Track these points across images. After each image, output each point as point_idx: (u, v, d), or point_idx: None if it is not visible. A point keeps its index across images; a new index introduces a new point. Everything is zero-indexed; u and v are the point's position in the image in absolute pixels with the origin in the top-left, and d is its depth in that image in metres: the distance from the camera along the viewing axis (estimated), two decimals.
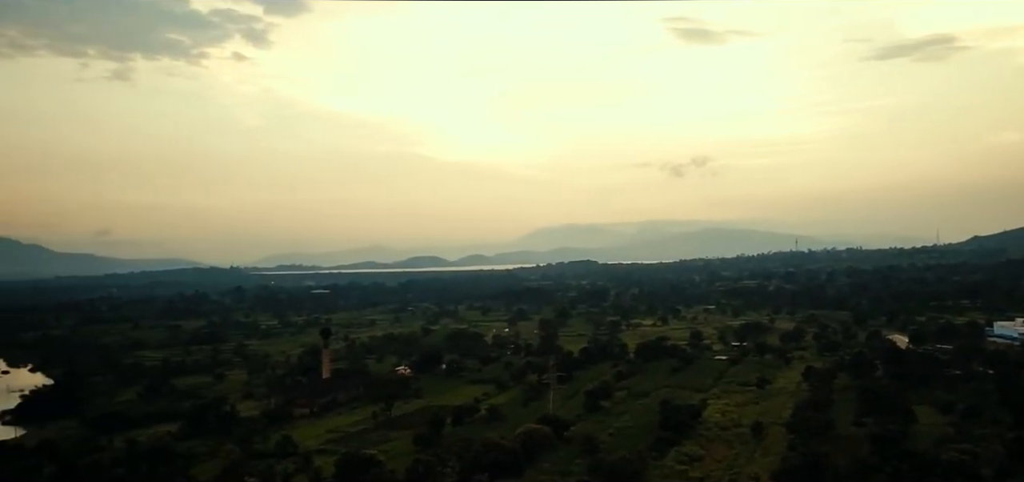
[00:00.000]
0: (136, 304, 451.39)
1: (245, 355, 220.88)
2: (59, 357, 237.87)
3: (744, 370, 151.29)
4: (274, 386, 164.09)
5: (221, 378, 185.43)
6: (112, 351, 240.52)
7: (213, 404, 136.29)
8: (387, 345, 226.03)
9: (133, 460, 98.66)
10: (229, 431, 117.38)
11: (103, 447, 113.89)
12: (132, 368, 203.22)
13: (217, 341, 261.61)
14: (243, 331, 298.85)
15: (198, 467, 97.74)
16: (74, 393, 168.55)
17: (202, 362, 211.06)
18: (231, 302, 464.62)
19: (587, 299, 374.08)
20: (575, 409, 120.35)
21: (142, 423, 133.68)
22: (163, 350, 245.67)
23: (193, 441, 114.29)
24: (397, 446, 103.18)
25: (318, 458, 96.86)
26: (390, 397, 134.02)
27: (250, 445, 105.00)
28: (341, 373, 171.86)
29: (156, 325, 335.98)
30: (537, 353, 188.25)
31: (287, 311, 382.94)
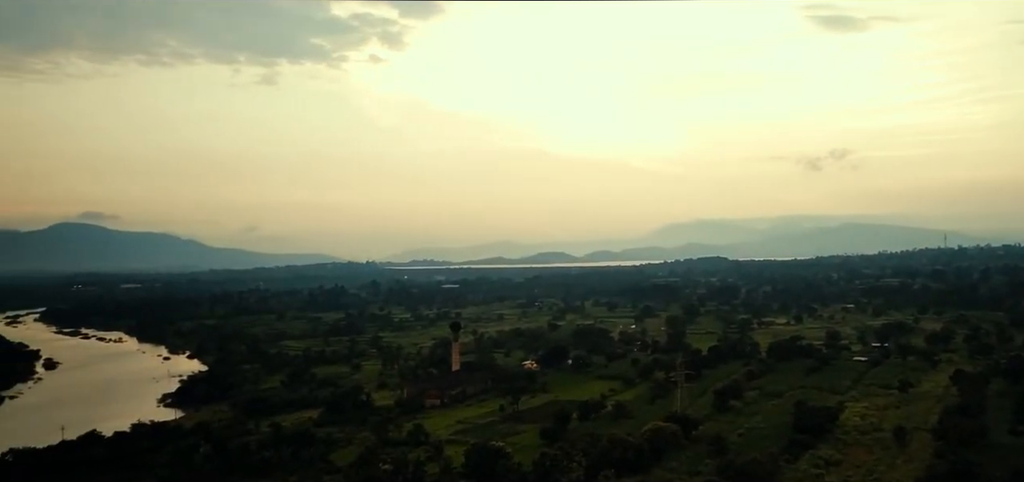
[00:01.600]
0: (280, 297, 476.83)
1: (380, 346, 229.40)
2: (212, 345, 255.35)
3: (885, 372, 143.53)
4: (406, 377, 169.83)
5: (357, 368, 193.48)
6: (259, 341, 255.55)
7: (350, 393, 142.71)
8: (514, 339, 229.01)
9: (278, 443, 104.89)
10: (365, 419, 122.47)
11: (251, 430, 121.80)
12: (276, 357, 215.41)
13: (354, 333, 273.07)
14: (378, 323, 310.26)
15: (337, 452, 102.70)
16: (225, 379, 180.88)
17: (340, 352, 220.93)
18: (367, 296, 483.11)
19: (716, 296, 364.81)
20: (703, 408, 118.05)
21: (286, 409, 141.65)
22: (304, 340, 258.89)
23: (332, 427, 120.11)
24: (524, 439, 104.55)
25: (448, 448, 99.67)
26: (517, 391, 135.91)
27: (384, 433, 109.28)
28: (470, 366, 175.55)
29: (298, 317, 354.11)
30: (664, 350, 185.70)
31: (419, 305, 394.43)
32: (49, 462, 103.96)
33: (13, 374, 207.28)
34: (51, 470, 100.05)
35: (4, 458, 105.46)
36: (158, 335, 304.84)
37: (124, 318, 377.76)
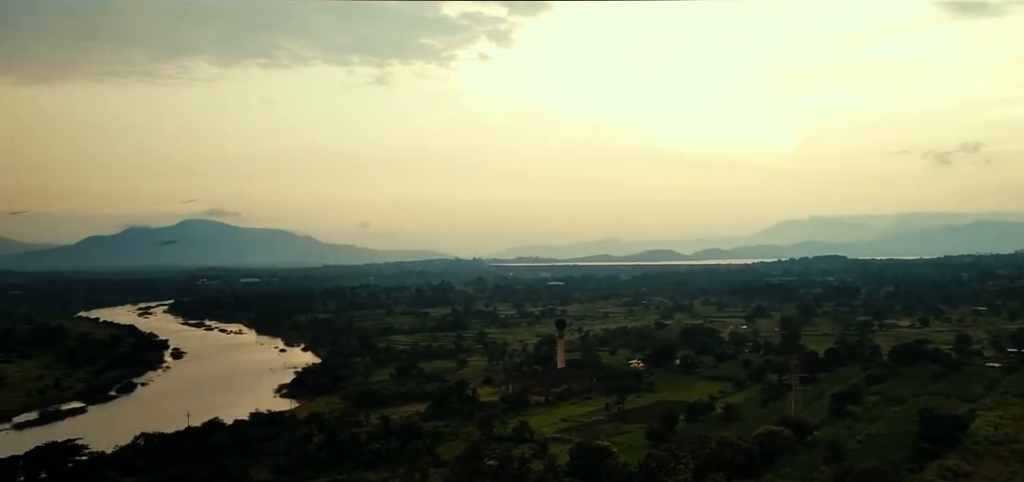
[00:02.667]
0: (390, 292, 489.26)
1: (485, 342, 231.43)
2: (325, 338, 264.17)
3: (1022, 380, 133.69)
4: (511, 373, 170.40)
5: (463, 363, 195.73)
6: (369, 335, 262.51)
7: (456, 388, 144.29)
8: (620, 338, 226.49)
9: (387, 436, 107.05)
10: (470, 414, 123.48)
11: (361, 422, 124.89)
12: (385, 351, 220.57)
13: (460, 329, 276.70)
14: (483, 320, 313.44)
15: (443, 446, 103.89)
16: (337, 371, 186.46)
17: (446, 348, 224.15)
18: (473, 292, 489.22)
19: (834, 296, 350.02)
20: (819, 413, 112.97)
21: (394, 402, 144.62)
22: (412, 335, 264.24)
23: (438, 422, 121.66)
24: (629, 439, 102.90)
25: (553, 445, 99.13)
26: (623, 390, 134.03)
27: (490, 428, 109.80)
28: (575, 364, 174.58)
29: (407, 312, 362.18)
30: (777, 352, 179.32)
31: (524, 302, 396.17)
32: (176, 447, 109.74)
33: (145, 362, 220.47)
34: (178, 454, 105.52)
35: (136, 442, 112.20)
36: (275, 328, 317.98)
37: (244, 311, 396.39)
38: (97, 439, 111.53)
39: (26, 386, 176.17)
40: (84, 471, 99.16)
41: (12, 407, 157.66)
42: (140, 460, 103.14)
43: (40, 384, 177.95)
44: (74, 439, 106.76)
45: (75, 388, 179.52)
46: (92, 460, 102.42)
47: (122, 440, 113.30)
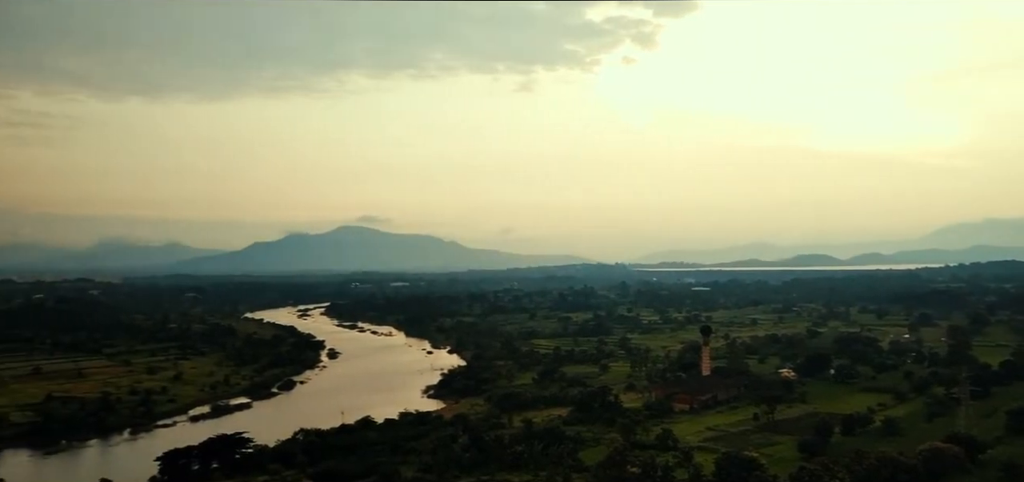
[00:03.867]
0: (532, 296, 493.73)
1: (628, 348, 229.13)
2: (470, 341, 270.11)
3: None
4: (654, 380, 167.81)
5: (605, 369, 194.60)
6: (512, 338, 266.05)
7: (598, 393, 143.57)
8: (769, 346, 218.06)
9: (529, 439, 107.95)
10: (613, 420, 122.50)
11: (504, 424, 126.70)
12: (528, 355, 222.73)
13: (602, 333, 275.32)
14: (626, 325, 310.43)
15: (585, 451, 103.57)
16: (481, 374, 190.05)
17: (588, 352, 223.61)
18: (616, 297, 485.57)
19: (1011, 305, 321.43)
20: (993, 430, 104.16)
21: (536, 405, 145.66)
22: (554, 339, 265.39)
23: (580, 426, 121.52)
24: (780, 451, 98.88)
25: (698, 455, 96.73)
26: (772, 399, 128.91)
27: (632, 435, 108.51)
28: (721, 371, 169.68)
29: (549, 316, 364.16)
30: (944, 363, 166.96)
31: (668, 307, 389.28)
32: (331, 443, 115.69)
33: (303, 362, 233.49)
34: (333, 450, 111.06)
35: (296, 436, 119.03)
36: (422, 330, 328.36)
37: (393, 313, 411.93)
38: (261, 433, 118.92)
39: (200, 381, 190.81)
40: (249, 463, 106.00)
41: (189, 401, 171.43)
42: (299, 454, 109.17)
43: (212, 380, 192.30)
44: (241, 432, 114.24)
45: (242, 384, 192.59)
46: (256, 452, 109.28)
47: (283, 435, 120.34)
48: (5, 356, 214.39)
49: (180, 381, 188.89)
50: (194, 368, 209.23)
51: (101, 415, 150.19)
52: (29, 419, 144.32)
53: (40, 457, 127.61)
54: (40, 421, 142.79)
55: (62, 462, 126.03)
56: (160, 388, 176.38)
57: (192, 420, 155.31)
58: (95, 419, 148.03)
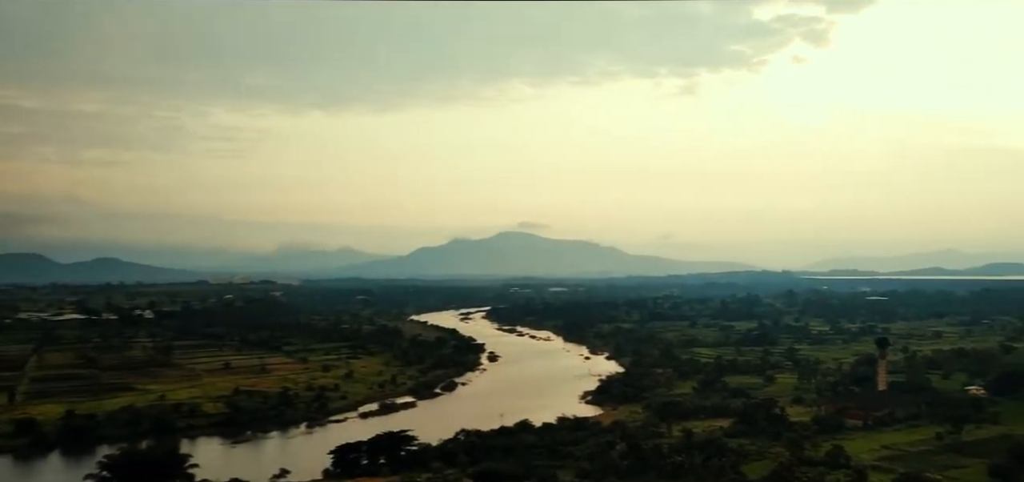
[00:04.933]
0: (693, 304, 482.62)
1: (795, 359, 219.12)
2: (628, 348, 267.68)
3: None
4: (824, 393, 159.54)
5: (770, 380, 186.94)
6: (671, 346, 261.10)
7: (763, 405, 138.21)
8: (955, 361, 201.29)
9: (689, 449, 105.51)
10: (779, 433, 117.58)
11: (663, 433, 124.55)
12: (688, 363, 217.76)
13: (767, 343, 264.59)
14: (793, 335, 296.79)
15: (748, 465, 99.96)
16: (639, 381, 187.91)
17: (752, 363, 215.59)
18: (782, 306, 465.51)
19: None
20: None
21: (696, 415, 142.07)
22: (716, 348, 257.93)
23: (743, 439, 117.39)
24: (967, 475, 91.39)
25: (872, 474, 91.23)
26: (958, 418, 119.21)
27: (800, 450, 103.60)
28: (899, 386, 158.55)
29: (710, 324, 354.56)
30: None
31: (839, 317, 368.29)
32: (491, 444, 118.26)
33: (464, 364, 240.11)
34: (492, 451, 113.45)
35: (457, 436, 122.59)
36: (580, 336, 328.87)
37: (551, 318, 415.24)
38: (424, 431, 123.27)
39: (369, 380, 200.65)
40: (414, 460, 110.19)
41: (359, 398, 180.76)
42: (460, 453, 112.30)
43: (380, 379, 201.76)
44: (406, 430, 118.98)
45: (407, 384, 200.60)
46: (420, 450, 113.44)
47: (445, 434, 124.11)
48: (200, 351, 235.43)
49: (351, 379, 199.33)
50: (364, 367, 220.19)
51: (281, 409, 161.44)
52: (220, 410, 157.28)
53: (229, 445, 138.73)
54: (229, 412, 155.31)
55: (248, 451, 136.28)
56: (333, 385, 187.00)
57: (362, 416, 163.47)
58: (276, 412, 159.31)
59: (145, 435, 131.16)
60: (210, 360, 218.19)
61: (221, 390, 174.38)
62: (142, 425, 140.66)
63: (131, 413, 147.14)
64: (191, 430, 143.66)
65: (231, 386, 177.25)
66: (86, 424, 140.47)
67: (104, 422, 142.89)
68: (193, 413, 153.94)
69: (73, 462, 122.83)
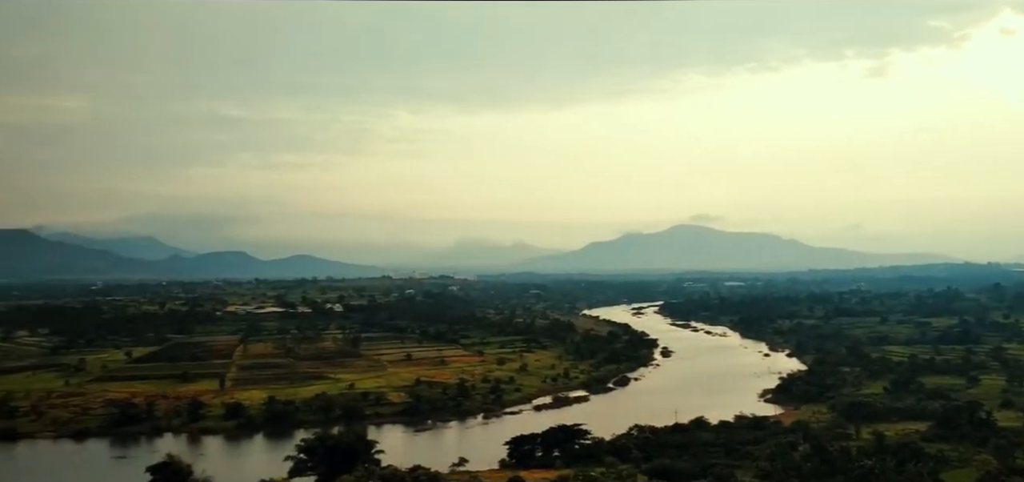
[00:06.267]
0: (883, 298, 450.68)
1: (1003, 359, 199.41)
2: (811, 345, 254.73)
3: None
4: None
5: (974, 381, 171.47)
6: (859, 343, 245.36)
7: (966, 408, 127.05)
8: None
9: (880, 453, 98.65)
10: (985, 440, 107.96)
11: (850, 435, 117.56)
12: (878, 362, 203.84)
13: (969, 342, 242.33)
14: (1001, 333, 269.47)
15: (948, 472, 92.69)
16: (823, 380, 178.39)
17: (952, 363, 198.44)
18: (987, 301, 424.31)
19: None
20: None
21: (887, 417, 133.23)
22: (910, 347, 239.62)
23: (942, 444, 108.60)
24: None
25: None
26: None
27: (1010, 458, 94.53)
28: None
29: (904, 321, 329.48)
30: None
31: None
32: (664, 440, 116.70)
33: (637, 359, 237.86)
34: (666, 447, 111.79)
35: (630, 432, 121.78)
36: (758, 332, 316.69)
37: (727, 314, 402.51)
38: (597, 425, 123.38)
39: (542, 374, 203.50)
40: (587, 453, 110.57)
41: (532, 391, 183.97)
42: (633, 449, 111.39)
43: (553, 372, 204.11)
44: (579, 424, 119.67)
45: (580, 378, 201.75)
46: (593, 444, 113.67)
47: (618, 429, 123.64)
48: (384, 343, 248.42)
49: (525, 372, 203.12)
50: (537, 360, 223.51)
51: (459, 399, 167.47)
52: (403, 399, 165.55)
53: (412, 433, 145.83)
54: (411, 402, 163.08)
55: (428, 439, 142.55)
56: (508, 378, 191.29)
57: (535, 409, 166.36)
58: (454, 403, 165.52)
59: (336, 421, 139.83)
60: (393, 351, 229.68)
61: (403, 380, 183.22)
62: (333, 411, 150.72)
63: (324, 400, 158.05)
64: (377, 417, 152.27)
65: (413, 377, 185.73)
66: (285, 409, 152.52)
67: (301, 408, 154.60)
68: (379, 401, 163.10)
69: (274, 444, 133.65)
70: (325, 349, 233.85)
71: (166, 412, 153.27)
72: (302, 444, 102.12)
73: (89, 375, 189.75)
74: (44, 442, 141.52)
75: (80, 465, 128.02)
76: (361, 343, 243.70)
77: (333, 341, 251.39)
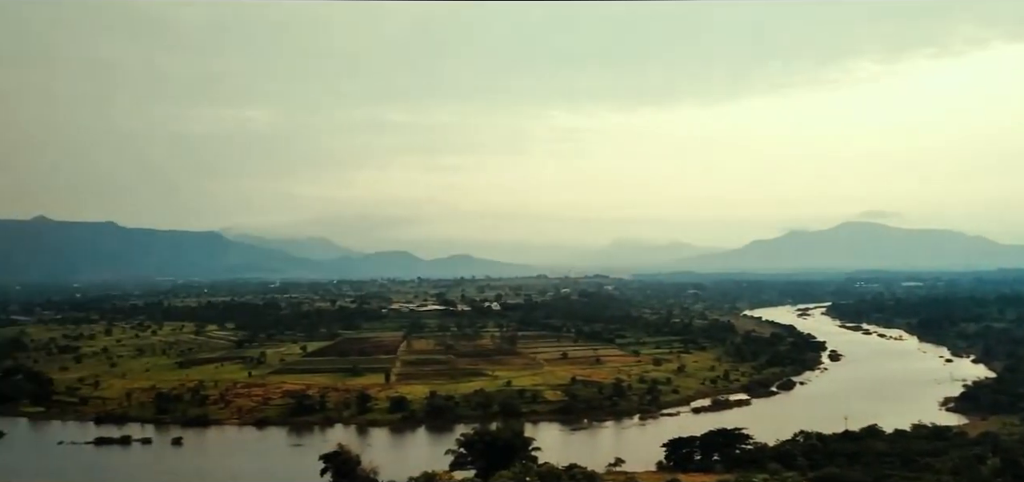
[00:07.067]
0: None
1: None
2: (1000, 350, 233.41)
3: None
4: None
5: None
6: None
7: None
8: None
9: None
10: None
11: None
12: None
13: None
14: None
15: None
16: (1016, 389, 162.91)
17: None
18: None
19: None
20: None
21: None
22: None
23: None
24: None
25: None
26: None
27: None
28: None
29: None
30: None
31: None
32: (833, 448, 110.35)
33: (802, 362, 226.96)
34: (835, 456, 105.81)
35: (796, 438, 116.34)
36: (939, 335, 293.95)
37: (903, 316, 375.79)
38: (759, 430, 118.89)
39: (700, 375, 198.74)
40: (748, 458, 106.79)
41: (690, 393, 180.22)
42: (798, 456, 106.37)
43: (712, 374, 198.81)
44: (740, 428, 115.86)
45: (740, 381, 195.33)
46: (755, 449, 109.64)
47: (782, 435, 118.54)
48: (540, 341, 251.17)
49: (682, 373, 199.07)
50: (695, 362, 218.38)
51: (614, 399, 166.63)
52: (559, 398, 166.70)
53: (567, 431, 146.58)
54: (567, 400, 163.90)
55: (584, 438, 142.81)
56: (664, 379, 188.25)
57: (694, 411, 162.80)
58: (610, 403, 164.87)
59: (494, 417, 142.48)
60: (549, 350, 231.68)
61: (559, 379, 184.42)
62: (491, 407, 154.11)
63: (482, 396, 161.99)
64: (534, 415, 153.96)
65: (568, 375, 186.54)
66: (446, 404, 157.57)
67: (460, 403, 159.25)
68: (535, 399, 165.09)
69: (436, 437, 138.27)
70: (483, 346, 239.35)
71: (337, 404, 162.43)
72: (462, 438, 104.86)
73: (269, 367, 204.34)
74: (231, 428, 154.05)
75: (264, 451, 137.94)
76: (518, 341, 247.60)
77: (491, 339, 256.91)
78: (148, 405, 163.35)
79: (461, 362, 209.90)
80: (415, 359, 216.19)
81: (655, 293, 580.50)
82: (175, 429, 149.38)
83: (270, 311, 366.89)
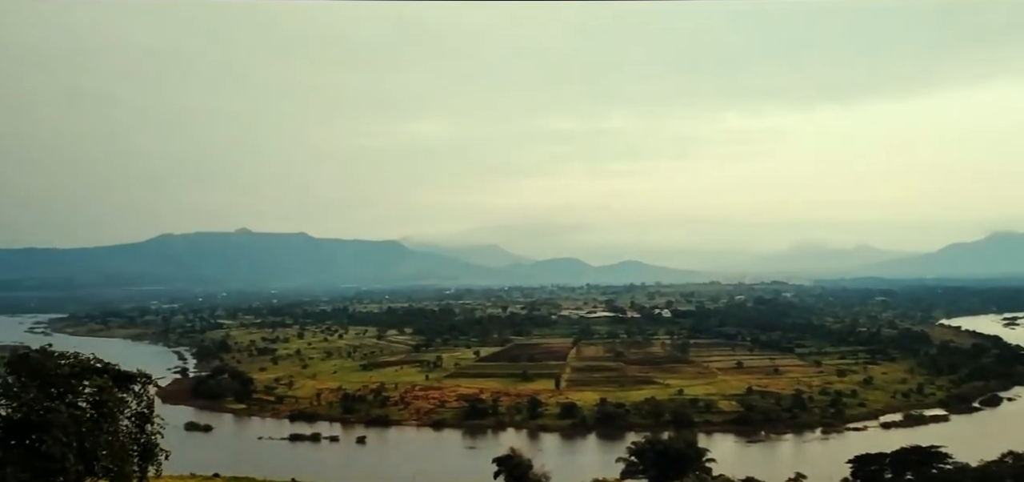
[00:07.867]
0: None
1: None
2: None
3: None
4: None
5: None
6: None
7: None
8: None
9: None
10: None
11: None
12: None
13: None
14: None
15: None
16: None
17: None
18: None
19: None
20: None
21: None
22: None
23: None
24: None
25: None
26: None
27: None
28: None
29: None
30: None
31: None
32: None
33: (1011, 376, 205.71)
34: None
35: (1003, 459, 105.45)
36: None
37: None
38: (959, 449, 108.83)
39: (890, 388, 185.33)
40: (946, 479, 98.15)
41: (878, 406, 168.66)
42: (1006, 479, 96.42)
43: (903, 387, 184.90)
44: (937, 446, 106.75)
45: (937, 395, 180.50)
46: (955, 469, 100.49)
47: (987, 455, 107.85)
48: (714, 350, 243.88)
49: (870, 385, 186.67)
50: (884, 374, 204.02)
51: (794, 411, 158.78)
52: (733, 408, 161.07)
53: (743, 443, 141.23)
54: (742, 411, 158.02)
55: (761, 451, 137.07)
56: (849, 391, 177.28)
57: (883, 426, 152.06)
58: (789, 415, 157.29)
59: (665, 426, 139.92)
60: (723, 359, 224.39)
61: (734, 389, 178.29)
62: (662, 416, 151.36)
63: (652, 405, 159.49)
64: (707, 425, 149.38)
65: (743, 385, 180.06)
66: (616, 412, 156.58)
67: (631, 411, 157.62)
68: (708, 409, 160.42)
69: (606, 444, 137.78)
70: (653, 354, 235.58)
71: (508, 408, 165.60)
72: (633, 446, 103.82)
73: (444, 371, 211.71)
74: (409, 429, 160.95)
75: (441, 453, 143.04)
76: (689, 349, 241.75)
77: (661, 346, 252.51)
78: (335, 404, 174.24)
79: (631, 369, 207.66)
80: (584, 366, 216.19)
81: (838, 300, 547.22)
82: (359, 428, 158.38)
83: (445, 317, 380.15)
